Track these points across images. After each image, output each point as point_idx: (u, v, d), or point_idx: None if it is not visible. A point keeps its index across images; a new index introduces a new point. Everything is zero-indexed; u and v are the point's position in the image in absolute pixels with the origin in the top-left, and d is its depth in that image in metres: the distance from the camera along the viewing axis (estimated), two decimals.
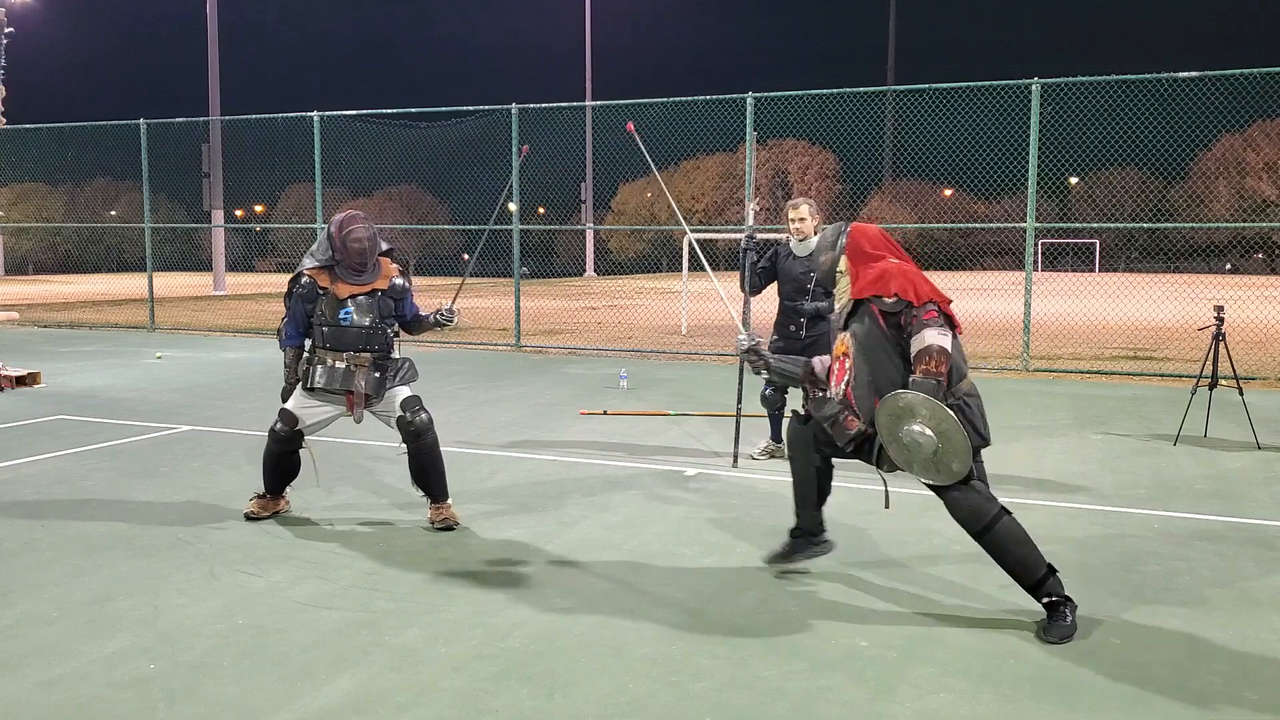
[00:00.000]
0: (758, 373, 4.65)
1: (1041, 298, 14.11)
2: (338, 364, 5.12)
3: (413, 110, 17.70)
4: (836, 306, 4.30)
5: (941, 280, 5.06)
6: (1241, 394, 7.72)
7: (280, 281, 5.47)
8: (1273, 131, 41.67)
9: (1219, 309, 7.57)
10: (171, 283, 29.62)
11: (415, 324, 5.47)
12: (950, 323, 3.92)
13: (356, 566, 4.61)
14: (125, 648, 3.71)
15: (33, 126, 19.98)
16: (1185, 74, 11.37)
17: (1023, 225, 12.14)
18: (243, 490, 6.00)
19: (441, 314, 5.47)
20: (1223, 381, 7.66)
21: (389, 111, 16.85)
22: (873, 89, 14.42)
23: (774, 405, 6.88)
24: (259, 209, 44.04)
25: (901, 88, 14.28)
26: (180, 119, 18.73)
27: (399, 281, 5.28)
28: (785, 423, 4.80)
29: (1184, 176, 40.65)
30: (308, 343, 5.27)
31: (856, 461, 4.19)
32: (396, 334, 5.34)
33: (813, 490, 4.45)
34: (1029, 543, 3.94)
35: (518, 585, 4.38)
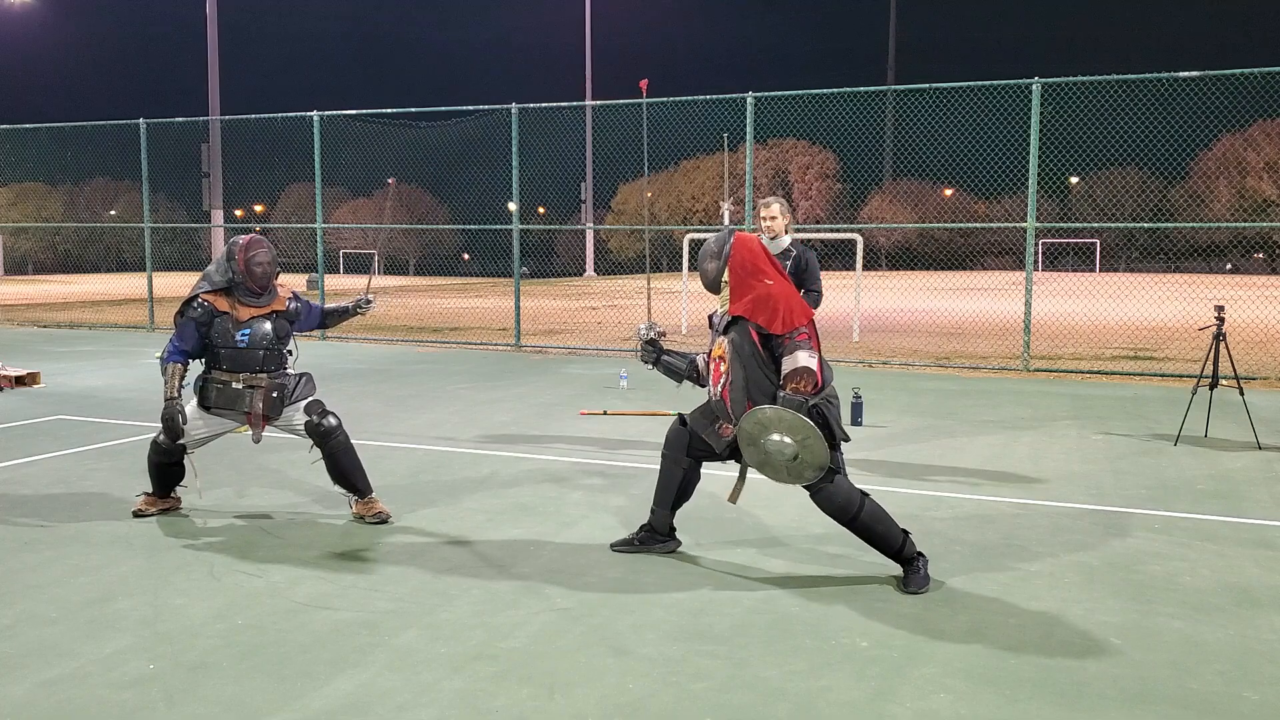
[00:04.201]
0: (647, 363, 4.86)
1: (1042, 298, 14.11)
2: (235, 384, 5.20)
3: (413, 110, 17.70)
4: (720, 311, 4.55)
5: (942, 280, 5.06)
6: (1242, 394, 7.72)
7: (280, 281, 5.46)
8: (1273, 131, 41.68)
9: (1219, 309, 7.57)
10: (171, 282, 29.54)
11: (332, 318, 5.74)
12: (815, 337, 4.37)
13: (356, 566, 4.61)
14: (125, 648, 3.70)
15: (32, 126, 19.96)
16: (1185, 74, 11.36)
17: (1023, 225, 12.13)
18: (243, 490, 6.00)
19: (359, 303, 5.75)
20: (1223, 381, 7.66)
21: (389, 111, 16.85)
22: (873, 89, 14.42)
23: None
24: (259, 209, 44.04)
25: (901, 88, 14.28)
26: (180, 119, 18.72)
27: (294, 305, 5.43)
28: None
29: (1184, 176, 40.68)
30: (196, 364, 5.35)
31: (859, 466, 4.22)
32: (292, 353, 5.44)
33: (674, 493, 4.74)
34: (886, 518, 4.37)
35: (518, 585, 4.38)
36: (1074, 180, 44.67)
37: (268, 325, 5.27)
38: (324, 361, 12.62)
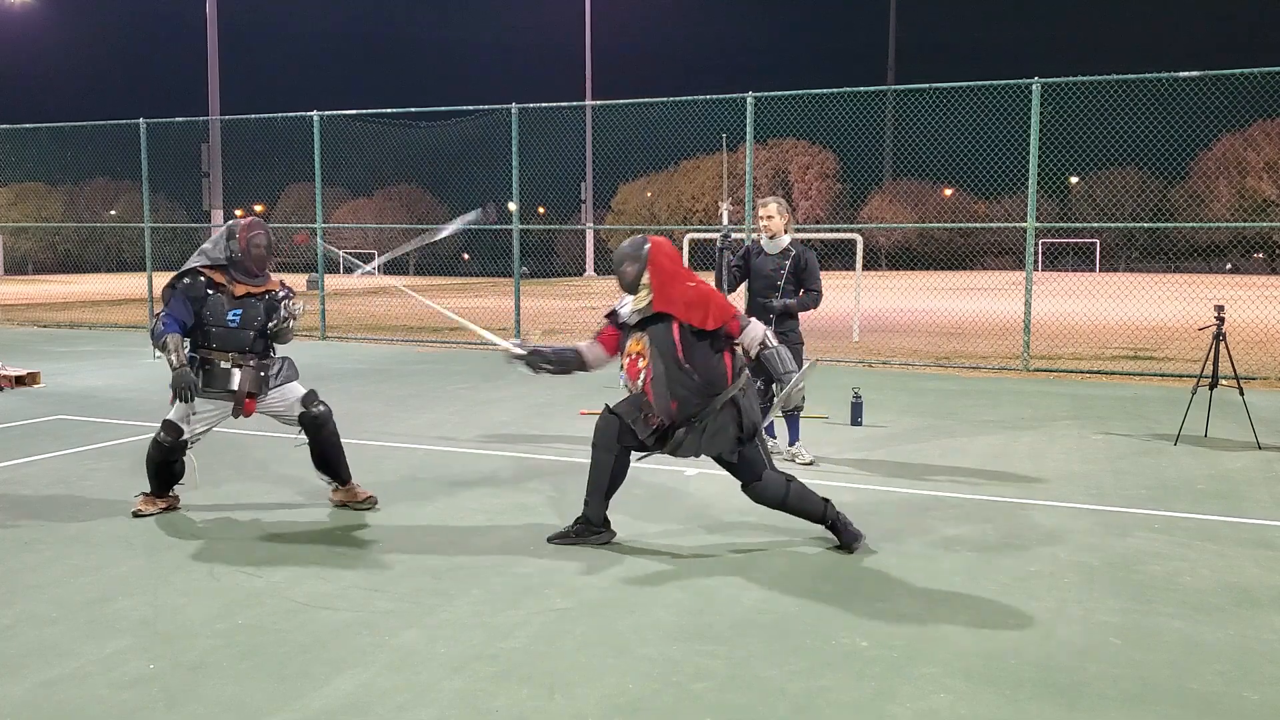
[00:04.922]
0: (537, 371, 5.02)
1: (1041, 298, 14.11)
2: (223, 363, 5.27)
3: (413, 110, 17.70)
4: (632, 309, 4.82)
5: (942, 280, 5.10)
6: (1242, 394, 7.72)
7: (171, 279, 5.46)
8: (1273, 131, 41.67)
9: (1219, 309, 7.57)
10: None
11: (276, 334, 5.47)
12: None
13: (356, 566, 4.61)
14: (125, 648, 3.71)
15: (32, 126, 19.96)
16: (1185, 74, 11.37)
17: (1023, 225, 12.14)
18: (243, 490, 6.00)
19: (289, 308, 5.53)
20: (1223, 381, 7.66)
21: (389, 111, 16.85)
22: (873, 89, 14.42)
23: (763, 401, 6.87)
24: (259, 209, 44.02)
25: (901, 88, 14.28)
26: (180, 119, 18.73)
27: (282, 292, 5.48)
28: (597, 422, 5.11)
29: (1184, 176, 40.67)
30: (186, 341, 5.33)
31: (859, 467, 4.23)
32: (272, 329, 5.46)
33: (607, 482, 4.93)
34: (809, 494, 4.86)
35: (518, 585, 4.38)
36: (1074, 180, 44.67)
37: (260, 306, 5.36)
38: (324, 361, 12.62)
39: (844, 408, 8.43)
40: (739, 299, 6.96)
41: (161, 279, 18.48)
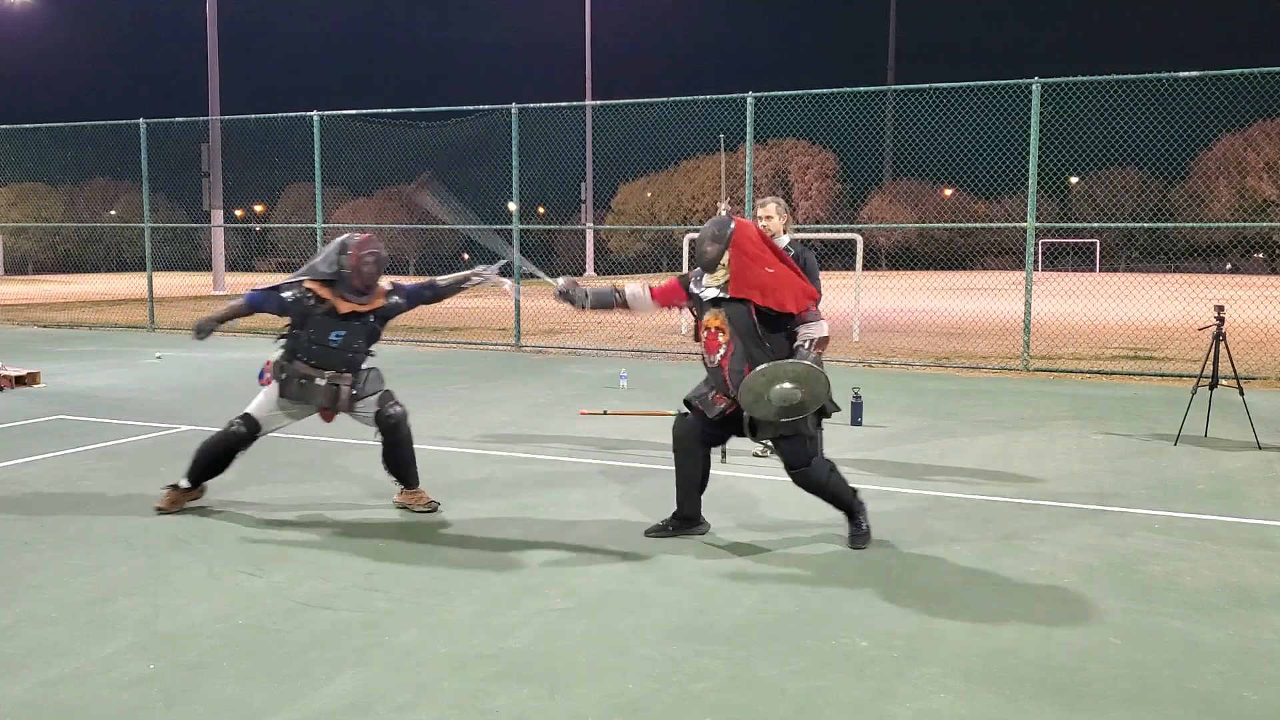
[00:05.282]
0: (581, 307, 5.20)
1: (1041, 298, 14.11)
2: (318, 380, 5.27)
3: (413, 110, 17.69)
4: (709, 284, 4.83)
5: (942, 280, 5.11)
6: (1242, 394, 7.72)
7: (280, 282, 5.48)
8: (1273, 131, 41.65)
9: (1219, 309, 7.57)
10: (171, 282, 29.62)
11: (442, 293, 5.65)
12: None
13: (356, 566, 4.61)
14: (125, 648, 3.71)
15: (32, 126, 19.96)
16: (1185, 74, 11.37)
17: (1023, 225, 12.14)
18: (243, 490, 5.99)
19: (481, 274, 5.71)
20: (1223, 381, 7.65)
21: (389, 111, 16.84)
22: (873, 89, 14.42)
23: None
24: (259, 209, 44.04)
25: (901, 88, 14.28)
26: (180, 119, 18.73)
27: (393, 299, 5.46)
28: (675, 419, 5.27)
29: (1184, 176, 40.66)
30: (277, 344, 5.42)
31: (859, 466, 4.22)
32: (372, 353, 5.51)
33: (696, 481, 5.05)
34: (845, 483, 4.91)
35: (518, 585, 4.38)
36: (1074, 180, 44.66)
37: (362, 330, 5.35)
38: None
39: (844, 408, 8.42)
40: None
41: (161, 279, 18.52)
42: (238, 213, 39.89)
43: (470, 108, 16.26)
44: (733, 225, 4.79)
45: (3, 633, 3.85)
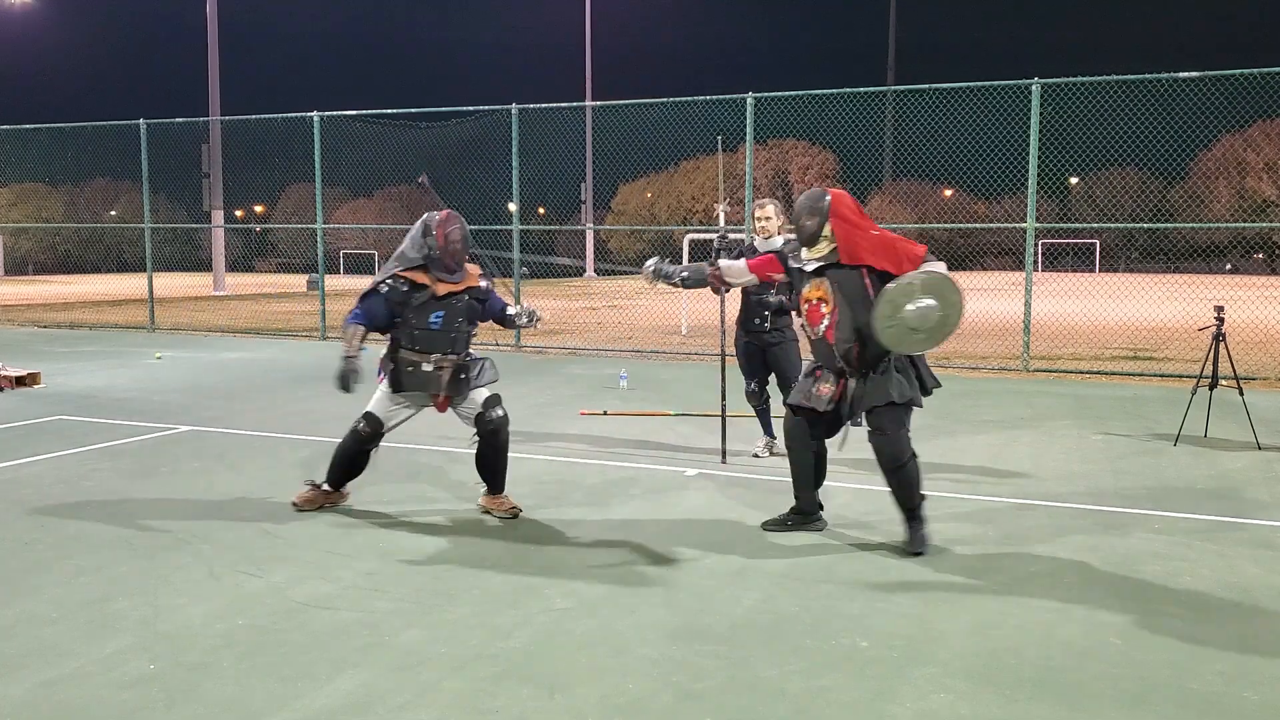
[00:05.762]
0: (674, 282, 5.30)
1: (1041, 298, 14.11)
2: (425, 366, 5.23)
3: (413, 110, 17.69)
4: (809, 258, 4.83)
5: None
6: (1241, 394, 7.72)
7: (281, 282, 5.50)
8: (1273, 131, 41.63)
9: (1219, 309, 7.57)
10: (171, 283, 29.63)
11: (504, 321, 5.68)
12: None
13: (356, 567, 4.61)
14: (125, 648, 3.71)
15: (33, 126, 19.96)
16: (1185, 74, 11.37)
17: (1023, 225, 12.14)
18: (243, 490, 6.00)
19: (521, 315, 5.69)
20: (1223, 382, 7.66)
21: (389, 111, 16.84)
22: (873, 89, 14.41)
23: (759, 401, 7.06)
24: (259, 209, 44.03)
25: (901, 88, 14.29)
26: (180, 119, 18.72)
27: (484, 283, 5.46)
28: (782, 418, 5.26)
29: (1184, 176, 40.65)
30: (375, 338, 5.38)
31: (859, 466, 4.23)
32: (475, 334, 5.48)
33: (811, 475, 5.08)
34: (920, 479, 4.87)
35: (518, 585, 4.38)
36: (1074, 180, 44.66)
37: (461, 308, 5.31)
38: (325, 361, 12.61)
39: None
40: (734, 298, 7.01)
41: (161, 279, 18.51)
42: (238, 213, 39.92)
43: (470, 108, 16.26)
44: (828, 196, 4.76)
45: (3, 633, 3.85)
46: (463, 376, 5.28)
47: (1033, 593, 4.33)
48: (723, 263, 5.32)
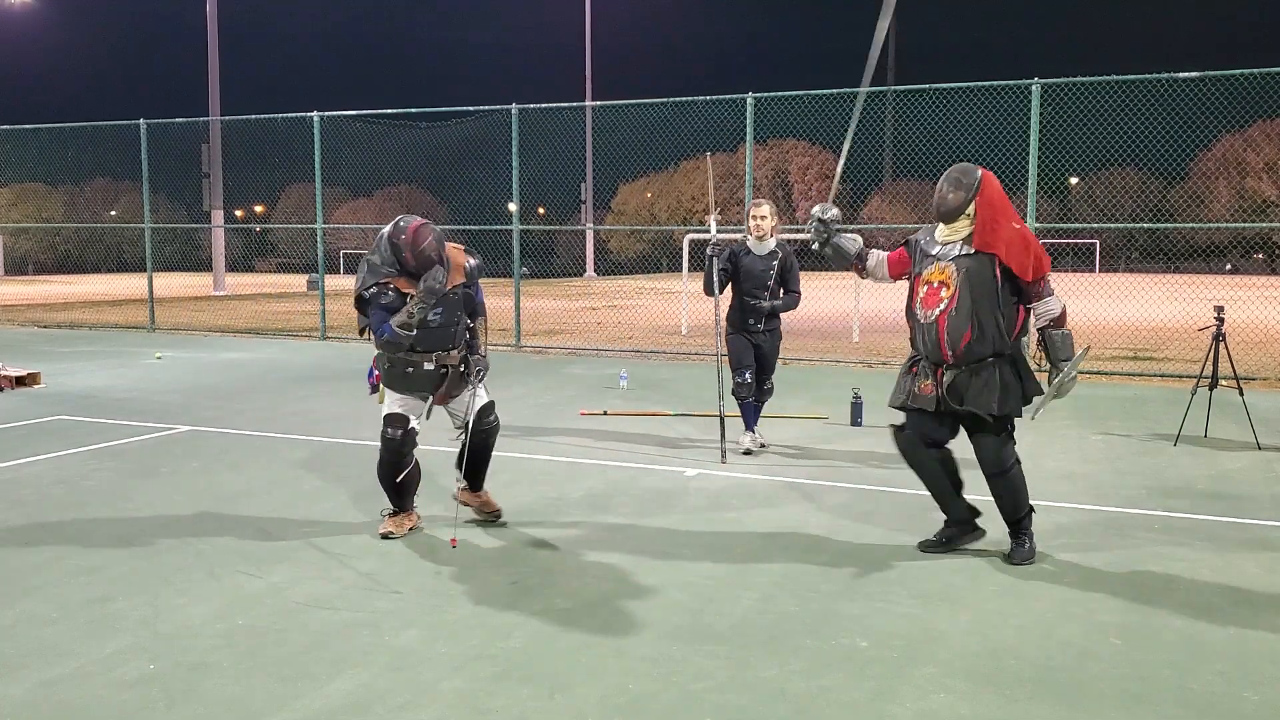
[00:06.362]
0: (822, 242, 4.95)
1: None
2: (426, 365, 5.01)
3: (413, 110, 17.69)
4: (943, 236, 4.60)
5: None
6: (1241, 394, 7.72)
7: (281, 282, 5.48)
8: (1273, 131, 41.66)
9: (1219, 309, 7.58)
10: (171, 283, 29.64)
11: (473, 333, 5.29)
12: None
13: (356, 567, 4.61)
14: (125, 648, 3.71)
15: (33, 127, 19.96)
16: (1185, 74, 11.36)
17: None
18: (242, 490, 6.00)
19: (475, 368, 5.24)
20: (1223, 382, 7.66)
21: (389, 111, 16.83)
22: (873, 89, 14.40)
23: (745, 395, 7.13)
24: (259, 209, 44.04)
25: (901, 88, 14.29)
26: (180, 119, 18.72)
27: (473, 262, 5.13)
28: (896, 428, 4.93)
29: (1184, 177, 40.66)
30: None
31: (859, 466, 4.22)
32: (472, 321, 5.24)
33: (946, 483, 4.77)
34: (1024, 487, 4.68)
35: (518, 585, 4.38)
36: (1074, 180, 44.65)
37: (457, 301, 5.04)
38: (325, 361, 12.62)
39: (844, 408, 8.43)
40: (725, 299, 7.08)
41: (161, 279, 18.50)
42: (238, 213, 39.91)
43: (470, 108, 16.24)
44: (979, 172, 4.52)
45: (3, 633, 3.85)
46: (463, 372, 5.13)
47: (1033, 593, 4.33)
48: (872, 256, 5.03)
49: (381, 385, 5.14)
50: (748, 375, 7.05)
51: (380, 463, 5.09)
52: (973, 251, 4.48)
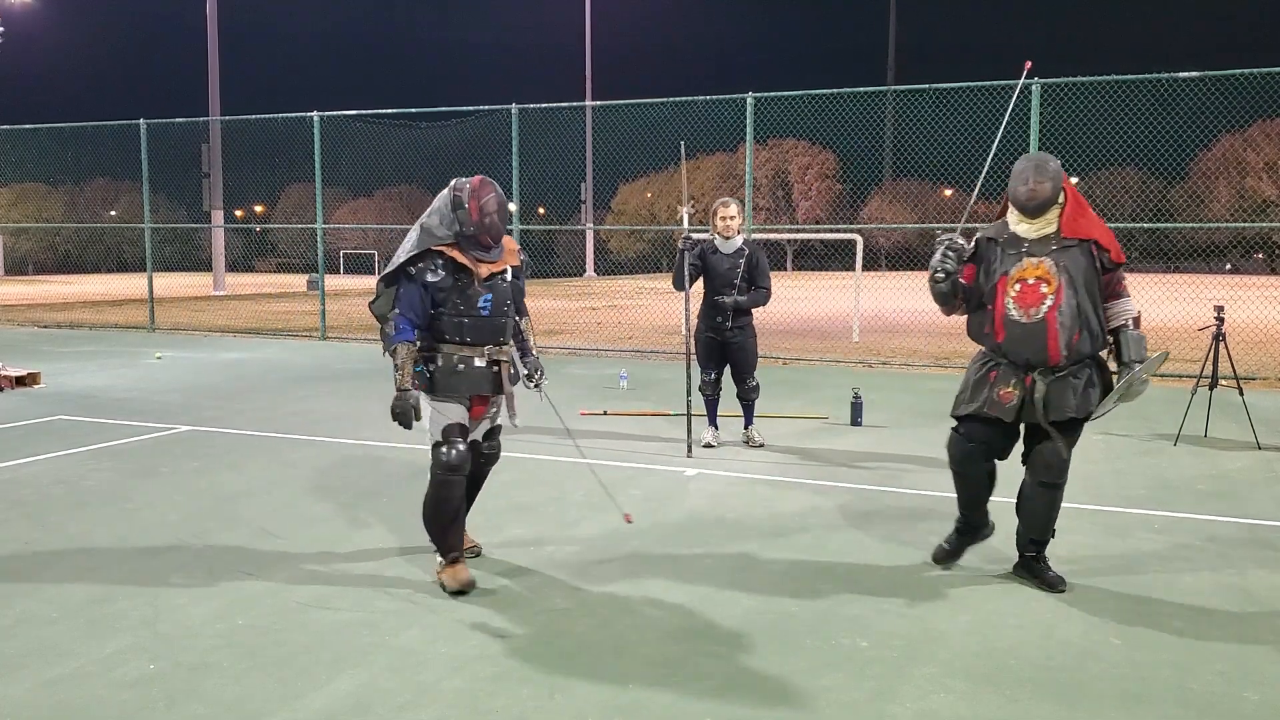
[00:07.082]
0: (946, 268, 4.36)
1: None
2: (478, 361, 4.33)
3: (413, 110, 17.69)
4: (1029, 231, 4.29)
5: None
6: (1242, 394, 7.72)
7: (280, 282, 5.45)
8: (1273, 131, 41.65)
9: (1219, 309, 7.58)
10: (171, 283, 29.64)
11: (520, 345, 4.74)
12: None
13: (356, 567, 4.61)
14: (125, 648, 3.71)
15: (33, 127, 19.96)
16: (1185, 74, 11.36)
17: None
18: (242, 490, 5.99)
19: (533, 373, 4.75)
20: (1223, 381, 7.66)
21: (389, 111, 16.83)
22: (873, 89, 14.41)
23: (707, 393, 7.40)
24: (259, 209, 44.04)
25: (901, 88, 14.28)
26: (180, 119, 18.71)
27: (524, 256, 4.60)
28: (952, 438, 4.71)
29: (1184, 176, 40.63)
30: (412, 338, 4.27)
31: (859, 466, 4.21)
32: (519, 318, 4.65)
33: (987, 494, 4.61)
34: (1059, 506, 4.47)
35: (517, 585, 4.38)
36: (1074, 180, 44.59)
37: (506, 290, 4.38)
38: (325, 361, 12.62)
39: (844, 408, 8.43)
40: (695, 295, 7.17)
41: (161, 279, 18.49)
42: (238, 213, 39.90)
43: (470, 108, 16.22)
44: (1056, 159, 4.31)
45: (3, 633, 3.85)
46: (513, 369, 4.52)
47: (1033, 593, 4.33)
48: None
49: (421, 397, 4.31)
50: (711, 374, 7.32)
51: (428, 500, 4.30)
52: (1066, 242, 4.23)
